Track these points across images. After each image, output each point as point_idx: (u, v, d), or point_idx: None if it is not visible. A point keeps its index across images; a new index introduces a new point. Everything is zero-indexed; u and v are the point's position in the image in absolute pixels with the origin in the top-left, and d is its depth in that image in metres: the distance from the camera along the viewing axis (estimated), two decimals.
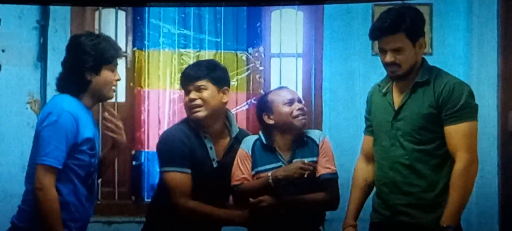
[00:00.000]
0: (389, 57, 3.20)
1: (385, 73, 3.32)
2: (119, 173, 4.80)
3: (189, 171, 3.37)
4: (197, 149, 3.42)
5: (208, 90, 3.42)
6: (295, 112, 3.46)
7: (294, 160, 3.44)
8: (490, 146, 4.44)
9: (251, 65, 4.83)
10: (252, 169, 3.47)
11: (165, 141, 3.44)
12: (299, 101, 3.52)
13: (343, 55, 4.69)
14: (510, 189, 4.43)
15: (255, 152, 3.49)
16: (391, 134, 3.25)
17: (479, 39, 4.55)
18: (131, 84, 4.81)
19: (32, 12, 4.59)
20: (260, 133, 3.54)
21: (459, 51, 4.67)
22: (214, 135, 3.48)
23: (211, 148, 3.45)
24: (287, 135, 3.48)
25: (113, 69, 3.24)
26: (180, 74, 3.44)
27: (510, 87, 4.46)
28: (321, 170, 3.44)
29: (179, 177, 3.35)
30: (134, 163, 4.79)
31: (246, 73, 4.81)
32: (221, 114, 3.50)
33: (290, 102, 3.48)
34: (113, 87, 3.28)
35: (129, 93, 4.83)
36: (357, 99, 4.46)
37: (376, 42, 3.34)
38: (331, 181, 3.47)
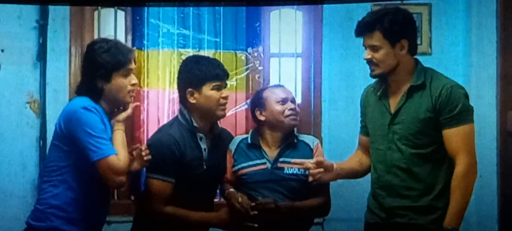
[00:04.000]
0: (366, 54, 3.25)
1: None
2: None
3: (172, 180, 3.41)
4: (189, 152, 3.44)
5: None
6: (287, 112, 3.51)
7: (280, 159, 3.48)
8: (489, 145, 4.44)
9: (250, 65, 4.83)
10: (234, 166, 3.52)
11: (152, 147, 3.42)
12: (293, 101, 3.57)
13: (343, 55, 4.69)
14: (509, 188, 4.43)
15: (238, 150, 3.56)
16: (387, 137, 3.26)
17: (478, 39, 4.55)
18: None
19: (31, 12, 4.58)
20: (250, 131, 3.61)
21: (458, 51, 4.67)
22: (207, 135, 3.52)
23: (205, 149, 3.49)
24: (277, 133, 3.53)
25: (127, 74, 3.24)
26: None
27: (509, 87, 4.46)
28: None
29: (161, 184, 3.40)
30: None
31: (245, 73, 4.81)
32: None
33: (283, 101, 3.52)
34: (130, 93, 3.28)
35: None
36: (357, 99, 4.41)
37: None
38: (324, 186, 3.50)
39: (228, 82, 3.57)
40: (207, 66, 3.46)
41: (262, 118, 3.55)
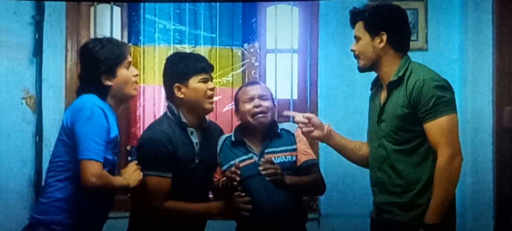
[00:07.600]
0: (351, 45, 3.27)
1: None
2: None
3: (169, 174, 3.41)
4: (181, 147, 3.45)
5: None
6: (253, 110, 3.49)
7: (266, 151, 3.48)
8: (485, 141, 4.43)
9: (246, 61, 4.83)
10: (223, 165, 3.53)
11: (144, 144, 3.45)
12: (260, 98, 3.52)
13: (339, 51, 4.69)
14: (505, 183, 4.43)
15: (223, 149, 3.56)
16: (377, 134, 3.25)
17: (474, 34, 4.55)
18: None
19: (27, 7, 4.58)
20: (234, 129, 3.63)
21: (454, 46, 4.67)
22: (197, 129, 3.53)
23: (197, 144, 3.50)
24: (255, 129, 3.51)
25: (128, 66, 3.29)
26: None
27: (505, 82, 4.47)
28: (303, 157, 3.51)
29: (159, 181, 3.40)
30: (129, 158, 4.79)
31: (242, 69, 4.81)
32: None
33: (250, 99, 3.51)
34: (134, 84, 3.33)
35: None
36: (353, 95, 4.46)
37: None
38: (314, 166, 3.51)
39: (224, 78, 3.58)
40: (192, 61, 3.51)
41: (238, 118, 3.59)
